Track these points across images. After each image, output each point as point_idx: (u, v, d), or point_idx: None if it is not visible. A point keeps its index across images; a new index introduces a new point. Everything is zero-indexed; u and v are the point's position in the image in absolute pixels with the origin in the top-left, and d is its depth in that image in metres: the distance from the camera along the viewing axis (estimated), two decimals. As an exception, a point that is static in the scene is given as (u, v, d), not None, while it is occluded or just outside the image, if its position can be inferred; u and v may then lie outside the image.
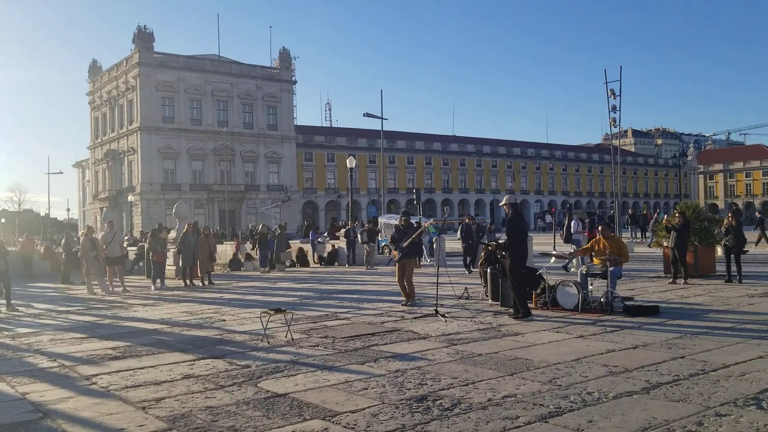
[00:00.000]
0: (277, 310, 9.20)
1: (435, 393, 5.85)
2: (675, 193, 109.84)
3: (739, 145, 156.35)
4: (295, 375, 6.73)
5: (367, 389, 6.06)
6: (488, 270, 12.56)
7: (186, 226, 20.11)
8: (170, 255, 21.25)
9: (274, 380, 6.53)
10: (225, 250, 31.81)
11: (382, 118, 39.96)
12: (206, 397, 5.93)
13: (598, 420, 4.92)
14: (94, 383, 6.69)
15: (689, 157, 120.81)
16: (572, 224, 20.64)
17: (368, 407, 5.44)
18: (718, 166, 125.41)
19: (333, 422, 5.06)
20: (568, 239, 20.87)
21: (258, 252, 26.50)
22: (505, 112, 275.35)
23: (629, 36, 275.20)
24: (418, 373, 6.65)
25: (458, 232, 24.17)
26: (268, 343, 8.65)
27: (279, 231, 26.52)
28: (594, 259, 12.02)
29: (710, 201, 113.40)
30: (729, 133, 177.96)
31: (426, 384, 6.19)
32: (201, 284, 19.45)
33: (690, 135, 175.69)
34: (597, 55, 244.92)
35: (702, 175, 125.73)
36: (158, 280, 18.59)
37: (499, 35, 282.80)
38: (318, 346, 8.40)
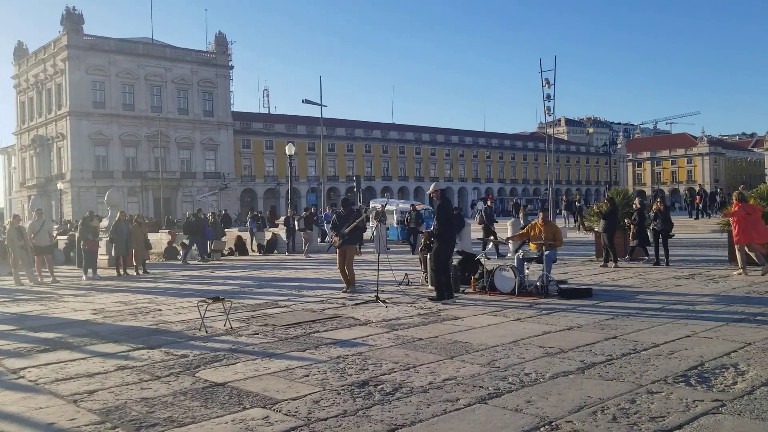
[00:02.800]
0: (215, 299, 9.02)
1: (376, 378, 5.85)
2: (605, 180, 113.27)
3: (665, 134, 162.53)
4: (235, 364, 6.62)
5: (308, 376, 6.02)
6: (428, 256, 12.66)
7: (118, 214, 19.51)
8: (102, 244, 20.59)
9: (213, 369, 6.41)
10: (160, 239, 31.02)
11: (321, 105, 39.69)
12: (141, 389, 5.76)
13: (536, 400, 5.02)
14: (22, 377, 6.41)
15: (619, 146, 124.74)
16: None
17: (310, 394, 5.40)
18: (646, 154, 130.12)
19: (274, 410, 5.00)
20: None
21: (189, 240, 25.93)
22: (443, 101, 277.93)
23: (562, 27, 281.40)
24: (359, 359, 6.64)
25: (477, 216, 23.88)
26: (206, 332, 8.49)
27: (213, 219, 26.02)
28: (530, 243, 12.29)
29: (638, 188, 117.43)
30: (656, 122, 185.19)
31: (367, 369, 6.19)
32: (135, 273, 18.92)
33: (620, 124, 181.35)
34: (532, 45, 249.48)
35: (631, 163, 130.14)
36: (90, 270, 17.98)
37: (438, 24, 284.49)
38: (258, 334, 8.29)
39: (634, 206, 16.51)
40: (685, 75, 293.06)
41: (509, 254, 18.25)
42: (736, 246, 13.28)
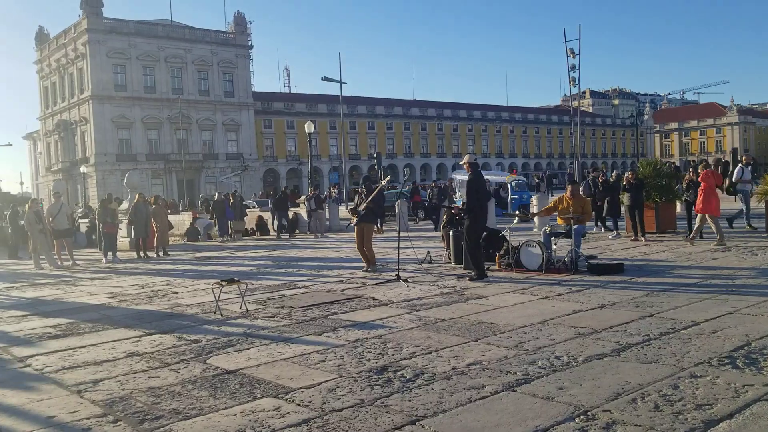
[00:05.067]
0: (231, 281, 8.72)
1: (396, 363, 5.49)
2: (632, 152, 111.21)
3: (693, 104, 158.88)
4: (248, 349, 6.31)
5: (324, 362, 5.68)
6: (451, 232, 12.25)
7: (137, 197, 19.34)
8: (123, 226, 20.48)
9: (225, 355, 6.10)
10: (182, 220, 31.00)
11: (341, 82, 39.10)
12: (149, 377, 5.47)
13: (569, 386, 4.61)
14: (28, 365, 6.17)
15: (645, 117, 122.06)
16: (737, 172, 16.76)
17: (325, 381, 5.06)
18: (673, 125, 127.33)
19: (286, 400, 4.67)
20: (731, 190, 17.27)
21: (215, 221, 25.82)
22: (465, 76, 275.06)
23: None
24: (378, 342, 6.29)
25: (583, 186, 22.29)
26: (221, 315, 8.20)
27: (233, 199, 25.78)
28: (557, 218, 11.81)
29: (666, 159, 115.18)
30: (683, 93, 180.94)
31: (387, 354, 5.84)
32: (156, 255, 18.78)
33: (646, 95, 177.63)
34: (556, 15, 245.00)
35: (658, 134, 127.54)
36: (110, 253, 17.86)
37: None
38: (274, 317, 7.98)
39: (686, 179, 15.79)
40: (712, 43, 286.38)
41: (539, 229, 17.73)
42: (708, 216, 13.13)
